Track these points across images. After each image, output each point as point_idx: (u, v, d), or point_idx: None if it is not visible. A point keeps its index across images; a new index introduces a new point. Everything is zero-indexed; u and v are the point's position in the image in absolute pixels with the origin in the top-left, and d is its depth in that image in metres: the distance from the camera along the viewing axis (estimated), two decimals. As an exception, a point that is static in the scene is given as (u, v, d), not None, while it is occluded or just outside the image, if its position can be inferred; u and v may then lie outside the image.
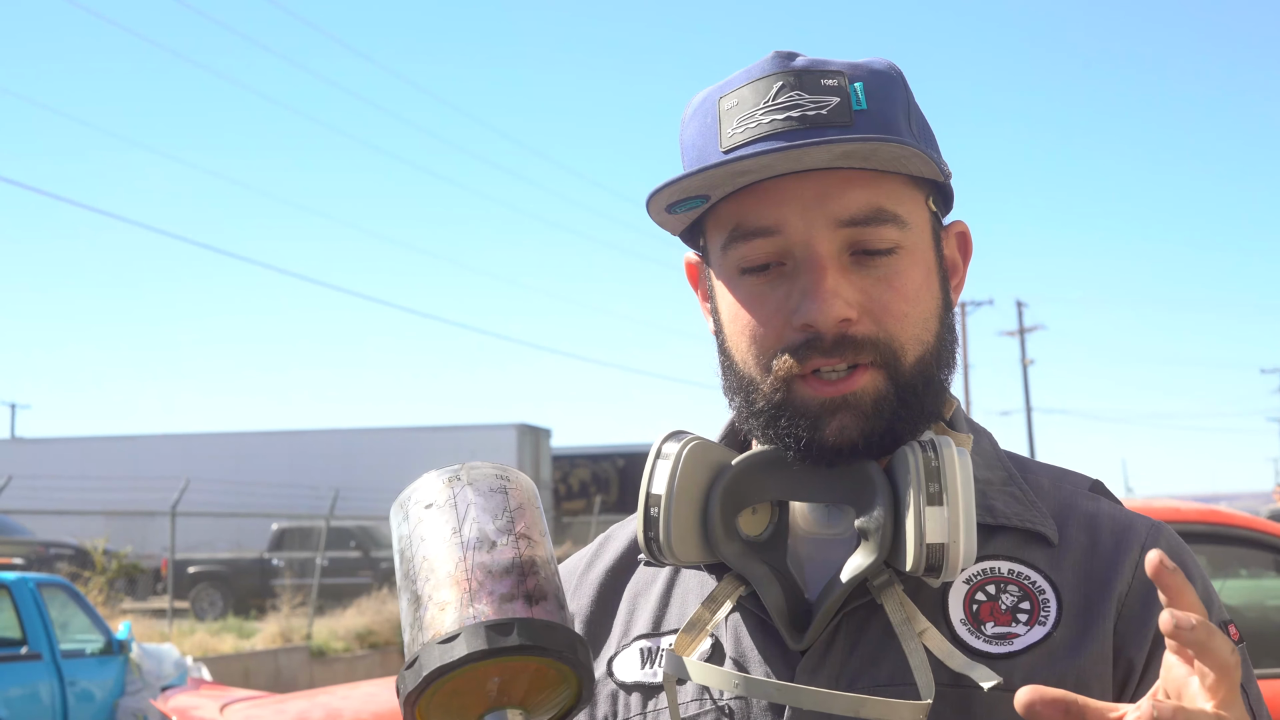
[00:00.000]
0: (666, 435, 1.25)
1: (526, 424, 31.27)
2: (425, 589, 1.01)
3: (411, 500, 1.07)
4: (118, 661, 10.71)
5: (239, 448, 30.91)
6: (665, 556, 1.22)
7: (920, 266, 1.21)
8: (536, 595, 1.01)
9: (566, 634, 1.00)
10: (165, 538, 19.89)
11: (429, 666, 0.97)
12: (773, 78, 1.19)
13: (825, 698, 1.12)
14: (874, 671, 1.16)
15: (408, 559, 1.04)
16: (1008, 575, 1.20)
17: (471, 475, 1.06)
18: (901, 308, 1.19)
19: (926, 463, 1.15)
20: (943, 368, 1.23)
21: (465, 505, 1.04)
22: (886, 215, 1.18)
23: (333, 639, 17.34)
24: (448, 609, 1.00)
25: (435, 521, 1.04)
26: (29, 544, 20.47)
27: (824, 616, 1.18)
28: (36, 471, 25.71)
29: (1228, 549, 5.19)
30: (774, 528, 1.24)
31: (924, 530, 1.13)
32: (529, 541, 1.04)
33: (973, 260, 1.32)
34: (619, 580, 1.34)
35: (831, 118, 1.17)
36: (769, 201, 1.19)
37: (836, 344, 1.17)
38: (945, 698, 1.13)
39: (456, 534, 1.03)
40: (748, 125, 1.18)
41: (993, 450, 1.29)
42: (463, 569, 1.01)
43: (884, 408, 1.18)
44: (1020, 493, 1.25)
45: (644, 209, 1.22)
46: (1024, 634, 1.17)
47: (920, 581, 1.19)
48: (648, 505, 1.22)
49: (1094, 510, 1.25)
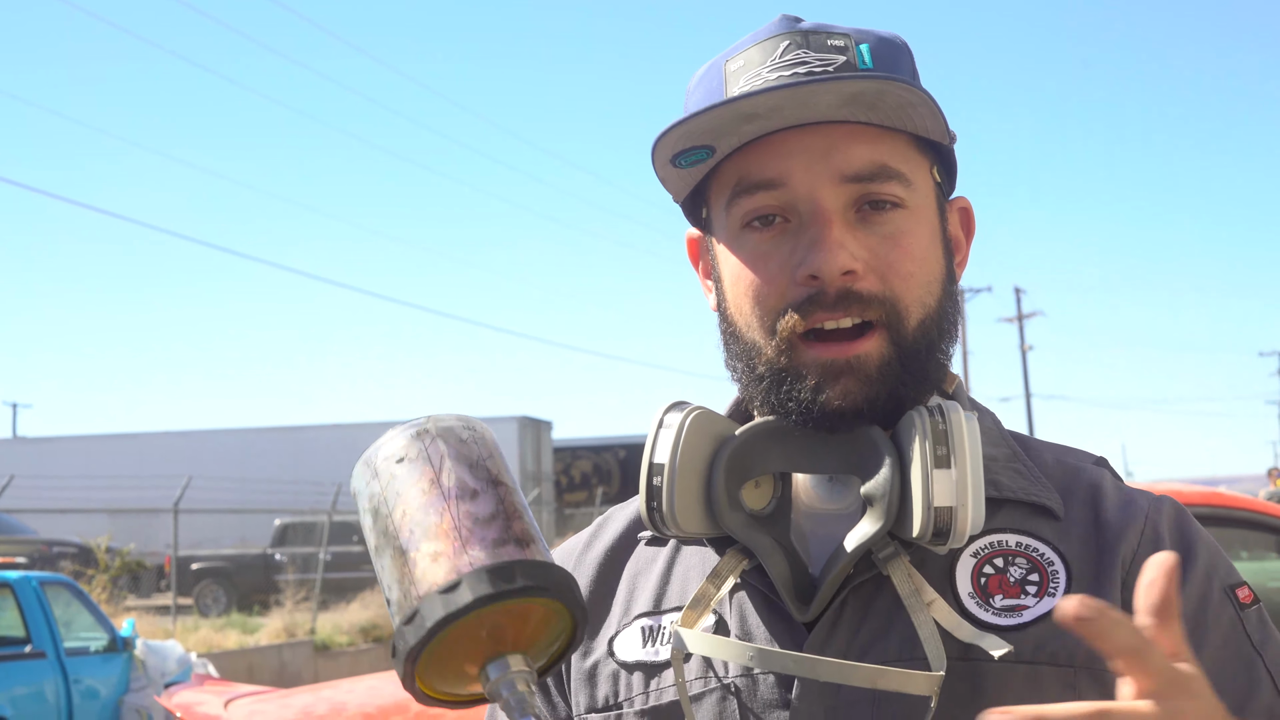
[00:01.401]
0: (669, 406, 1.24)
1: (528, 416, 31.26)
2: (411, 542, 0.99)
3: (380, 457, 1.04)
4: (122, 659, 10.71)
5: (241, 444, 30.91)
6: (668, 527, 1.21)
7: (925, 228, 1.21)
8: (525, 538, 1.00)
9: (561, 573, 0.99)
10: (168, 535, 19.90)
11: (433, 617, 0.95)
12: (779, 38, 1.20)
13: (843, 669, 1.11)
14: (883, 645, 1.16)
15: (383, 516, 1.02)
16: (1015, 548, 1.19)
17: (439, 427, 1.04)
18: (907, 266, 1.19)
19: (934, 426, 1.14)
20: (944, 337, 1.23)
21: (439, 456, 1.02)
22: (891, 172, 1.18)
23: (337, 633, 17.35)
24: (440, 559, 0.98)
25: (410, 474, 1.02)
26: (32, 543, 20.47)
27: (830, 586, 1.17)
28: (39, 470, 25.70)
29: (1228, 531, 5.19)
30: (777, 502, 1.24)
31: (932, 493, 1.12)
32: (505, 488, 1.03)
33: (971, 246, 1.32)
34: (618, 560, 1.34)
35: (837, 75, 1.17)
36: (774, 154, 1.19)
37: (841, 298, 1.17)
38: (956, 670, 1.12)
39: (436, 484, 1.01)
40: (754, 81, 1.19)
41: (996, 429, 1.29)
42: (449, 518, 0.99)
43: (888, 372, 1.18)
44: (1025, 468, 1.25)
45: (649, 171, 1.22)
46: (1033, 606, 1.16)
47: (926, 554, 1.19)
48: (650, 475, 1.21)
49: (1098, 482, 1.25)
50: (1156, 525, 1.21)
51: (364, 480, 1.05)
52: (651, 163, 1.22)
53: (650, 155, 1.20)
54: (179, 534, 19.01)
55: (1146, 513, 1.21)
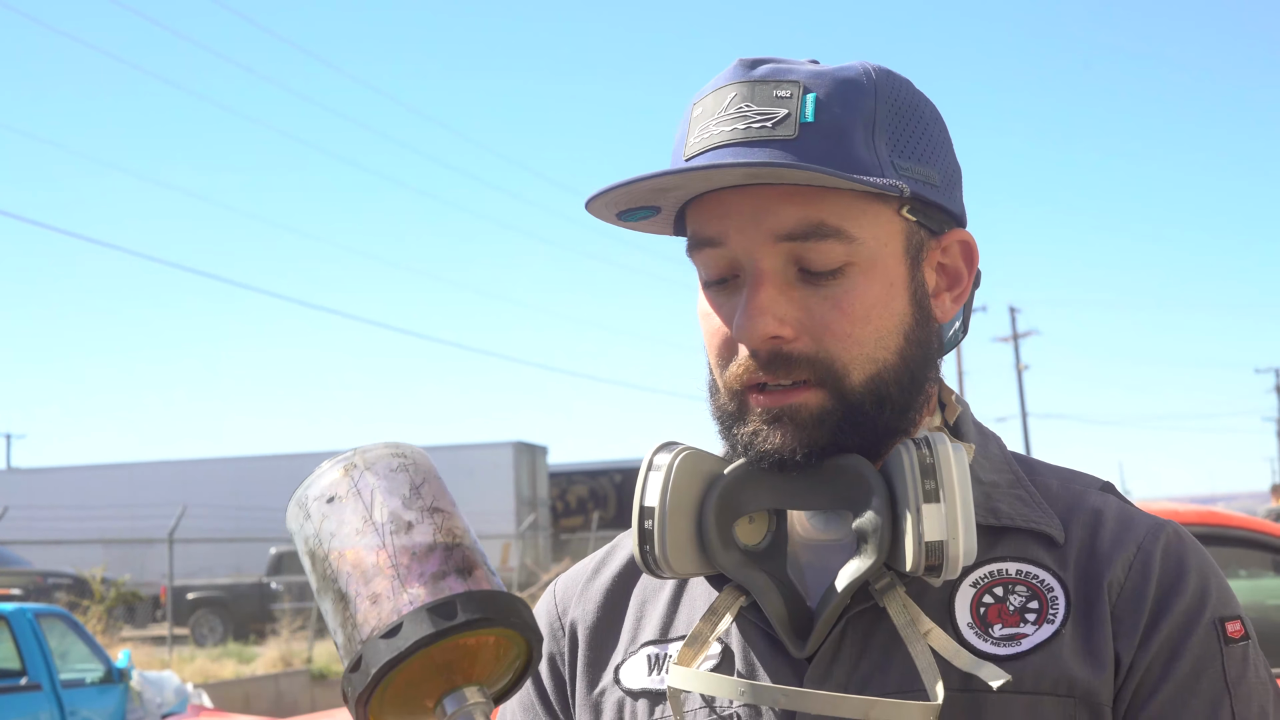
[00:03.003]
0: (658, 447, 1.24)
1: (523, 442, 31.23)
2: (350, 585, 0.97)
3: (310, 497, 1.02)
4: (118, 690, 10.66)
5: (235, 473, 30.84)
6: (662, 569, 1.21)
7: (878, 283, 1.19)
8: (467, 567, 0.98)
9: (506, 599, 0.98)
10: (163, 564, 19.87)
11: (377, 663, 0.94)
12: (729, 87, 1.19)
13: (833, 701, 1.11)
14: (883, 677, 1.16)
15: (320, 558, 1.00)
16: (1015, 576, 1.19)
17: (367, 459, 1.02)
18: (844, 327, 1.17)
19: (921, 460, 1.14)
20: (907, 386, 1.21)
21: (370, 491, 1.00)
22: (827, 230, 1.16)
23: (334, 662, 17.28)
24: (380, 600, 0.96)
25: (343, 514, 1.00)
26: (27, 574, 20.41)
27: (825, 623, 1.17)
28: (33, 501, 25.66)
29: (1225, 550, 5.18)
30: (772, 536, 1.24)
31: (922, 528, 1.12)
32: (443, 514, 1.01)
33: (974, 277, 1.29)
34: (626, 586, 1.34)
35: (775, 131, 1.16)
36: (714, 214, 1.19)
37: (770, 360, 1.17)
38: (954, 701, 1.12)
39: (369, 522, 0.99)
40: (704, 135, 1.19)
41: (1000, 454, 1.28)
42: (385, 556, 0.97)
43: (826, 421, 1.18)
44: (1027, 494, 1.24)
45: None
46: (1032, 634, 1.16)
47: (925, 585, 1.19)
48: (641, 518, 1.21)
49: (1100, 507, 1.24)
50: (1149, 553, 1.19)
51: (298, 522, 1.03)
52: (596, 217, 1.23)
53: (586, 209, 1.21)
54: (174, 563, 18.95)
55: (1140, 541, 1.20)
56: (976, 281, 1.29)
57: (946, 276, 1.26)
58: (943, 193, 1.23)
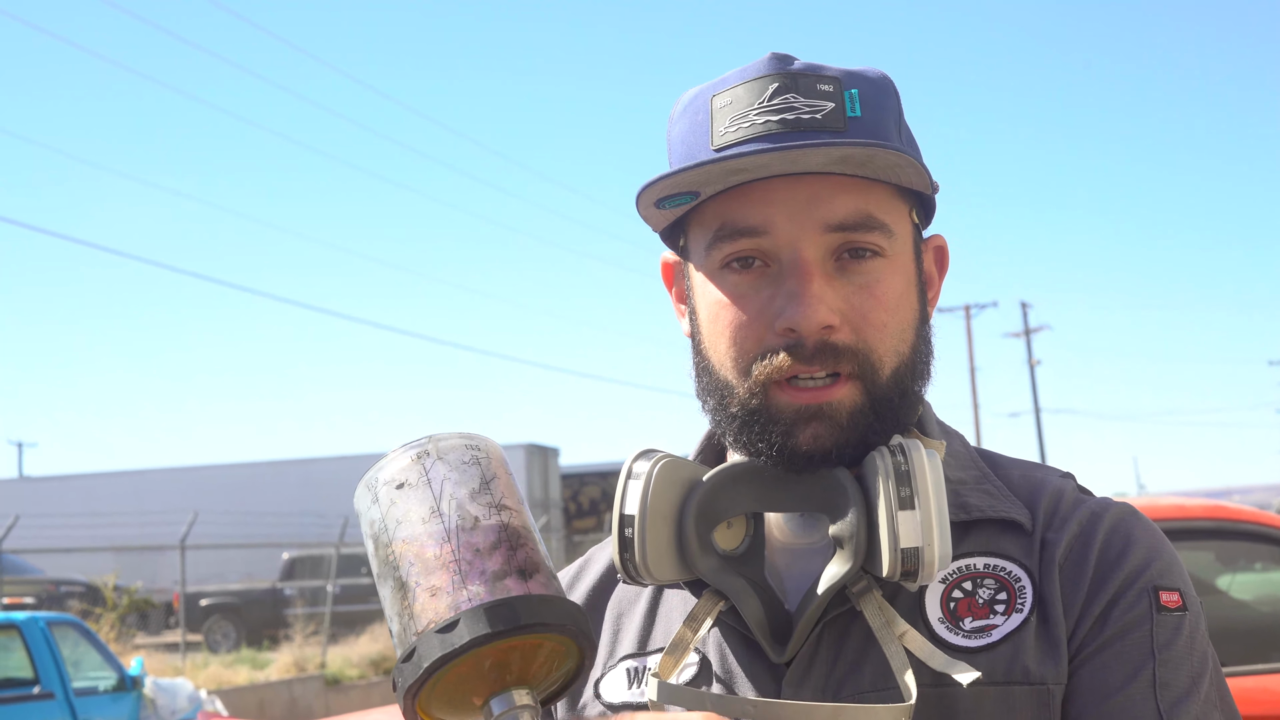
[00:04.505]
0: (637, 455, 1.24)
1: (534, 444, 31.25)
2: (411, 574, 0.97)
3: (380, 481, 1.02)
4: (131, 698, 10.69)
5: (246, 478, 30.89)
6: (642, 577, 1.22)
7: (901, 276, 1.22)
8: (529, 569, 0.98)
9: (564, 605, 0.98)
10: (175, 571, 19.89)
11: (430, 657, 0.94)
12: (768, 79, 1.19)
13: (801, 710, 1.12)
14: (857, 678, 1.17)
15: (384, 544, 1.00)
16: (983, 570, 1.21)
17: (441, 448, 1.01)
18: (881, 317, 1.19)
19: (896, 467, 1.15)
20: (917, 380, 1.24)
21: (440, 481, 1.00)
22: (875, 223, 1.19)
23: (347, 666, 17.32)
24: (439, 594, 0.96)
25: (410, 502, 1.00)
26: (39, 583, 20.47)
27: (804, 628, 1.18)
28: (45, 510, 25.70)
29: (1236, 544, 5.17)
30: (750, 540, 1.24)
31: (897, 535, 1.13)
32: (511, 512, 1.00)
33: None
34: (601, 600, 1.34)
35: (825, 122, 1.17)
36: (758, 201, 1.19)
37: (818, 351, 1.17)
38: (927, 699, 1.14)
39: (436, 513, 0.98)
40: (740, 124, 1.19)
41: (965, 451, 1.30)
42: (449, 550, 0.97)
43: (859, 419, 1.19)
44: (994, 488, 1.26)
45: (635, 209, 1.23)
46: (1002, 624, 1.17)
47: (899, 586, 1.20)
48: (621, 527, 1.21)
49: (1059, 489, 1.26)
50: (1091, 528, 1.21)
51: (365, 504, 1.02)
52: (636, 204, 1.22)
53: (635, 199, 1.21)
54: (186, 570, 18.98)
55: (1083, 518, 1.22)
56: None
57: (926, 279, 1.29)
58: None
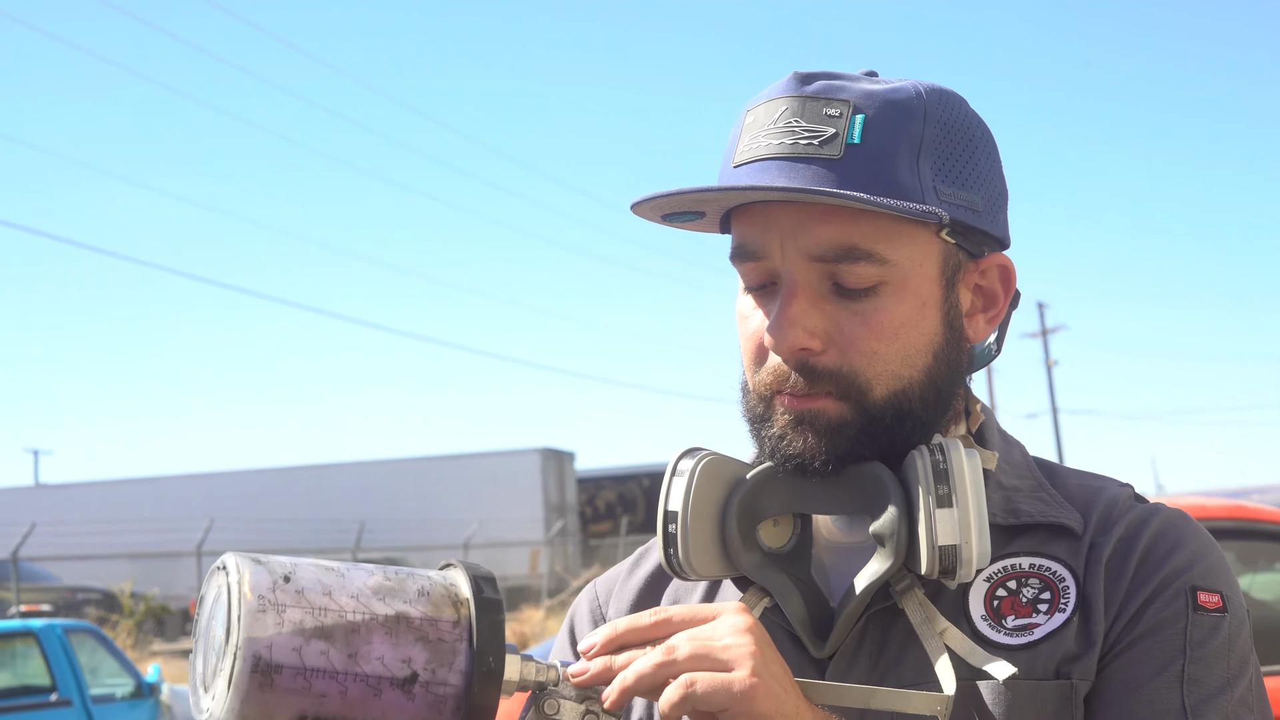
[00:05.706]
0: (682, 453, 1.27)
1: (550, 448, 31.31)
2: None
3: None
4: (148, 704, 10.70)
5: (261, 485, 31.00)
6: (686, 572, 1.24)
7: (909, 302, 1.21)
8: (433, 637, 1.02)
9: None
10: (192, 578, 19.99)
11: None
12: (780, 100, 1.22)
13: (835, 691, 1.13)
14: (899, 673, 1.19)
15: None
16: (1029, 569, 1.22)
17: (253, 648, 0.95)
18: (870, 344, 1.20)
19: (935, 465, 1.17)
20: (932, 402, 1.24)
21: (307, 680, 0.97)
22: (859, 253, 1.19)
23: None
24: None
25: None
26: (56, 590, 20.55)
27: (845, 623, 1.21)
28: (61, 517, 25.82)
29: (1256, 544, 5.15)
30: (797, 538, 1.27)
31: (935, 532, 1.15)
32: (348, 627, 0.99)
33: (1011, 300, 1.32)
34: (659, 587, 1.38)
35: (821, 149, 1.19)
36: (756, 225, 1.23)
37: (797, 370, 1.21)
38: (965, 692, 1.16)
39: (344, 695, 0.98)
40: (753, 145, 1.22)
41: (1023, 460, 1.32)
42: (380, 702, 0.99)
43: (845, 431, 1.21)
44: (1049, 496, 1.27)
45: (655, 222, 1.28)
46: (1044, 623, 1.19)
47: (941, 584, 1.21)
48: (665, 523, 1.24)
49: (1115, 496, 1.27)
50: (1139, 529, 1.23)
51: None
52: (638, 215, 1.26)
53: (631, 212, 1.25)
54: (202, 577, 19.01)
55: (1131, 519, 1.23)
56: (1015, 303, 1.32)
57: (983, 298, 1.29)
58: (984, 217, 1.25)
